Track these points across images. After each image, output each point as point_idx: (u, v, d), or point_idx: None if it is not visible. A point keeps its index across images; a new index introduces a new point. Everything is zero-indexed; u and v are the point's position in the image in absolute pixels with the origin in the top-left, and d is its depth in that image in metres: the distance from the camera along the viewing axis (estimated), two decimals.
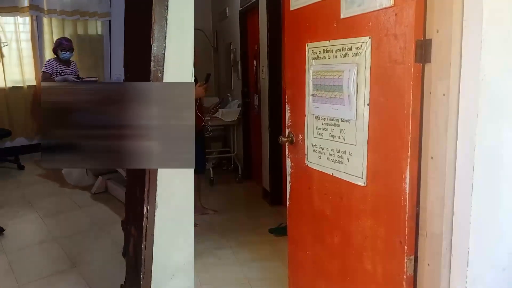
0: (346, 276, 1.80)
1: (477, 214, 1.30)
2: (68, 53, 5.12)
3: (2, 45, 5.44)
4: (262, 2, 4.30)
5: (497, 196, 1.33)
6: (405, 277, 1.50)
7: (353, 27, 1.63)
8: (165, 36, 1.71)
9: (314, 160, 1.93)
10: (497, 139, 1.30)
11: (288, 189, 2.19)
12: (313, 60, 1.88)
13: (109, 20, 4.91)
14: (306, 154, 1.98)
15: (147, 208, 1.73)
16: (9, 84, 6.07)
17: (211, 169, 5.18)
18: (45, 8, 4.83)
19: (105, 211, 4.17)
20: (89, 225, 3.84)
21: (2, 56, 5.76)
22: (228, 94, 5.91)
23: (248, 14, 5.04)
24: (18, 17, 4.79)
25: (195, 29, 2.00)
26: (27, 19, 4.84)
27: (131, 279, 2.05)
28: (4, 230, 3.60)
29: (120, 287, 2.28)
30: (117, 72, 4.59)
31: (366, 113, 1.60)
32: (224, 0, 5.89)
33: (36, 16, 4.82)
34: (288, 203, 2.21)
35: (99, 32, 5.24)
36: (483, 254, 1.35)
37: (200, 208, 3.87)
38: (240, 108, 5.35)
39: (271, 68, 4.19)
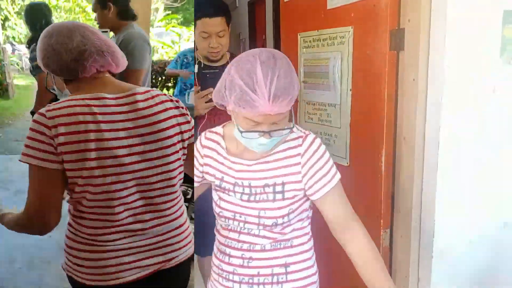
0: (331, 251, 1.92)
1: (442, 190, 1.42)
2: None
3: None
4: None
5: (459, 173, 1.44)
6: (381, 248, 1.63)
7: (338, 17, 1.74)
8: None
9: None
10: (458, 122, 1.40)
11: None
12: (304, 49, 1.99)
13: None
14: None
15: None
16: None
17: None
18: None
19: None
20: None
21: None
22: None
23: (256, 4, 5.13)
24: None
25: None
26: None
27: None
28: None
29: None
30: None
31: (349, 98, 1.72)
32: None
33: None
34: None
35: None
36: (449, 228, 1.46)
37: None
38: None
39: None
